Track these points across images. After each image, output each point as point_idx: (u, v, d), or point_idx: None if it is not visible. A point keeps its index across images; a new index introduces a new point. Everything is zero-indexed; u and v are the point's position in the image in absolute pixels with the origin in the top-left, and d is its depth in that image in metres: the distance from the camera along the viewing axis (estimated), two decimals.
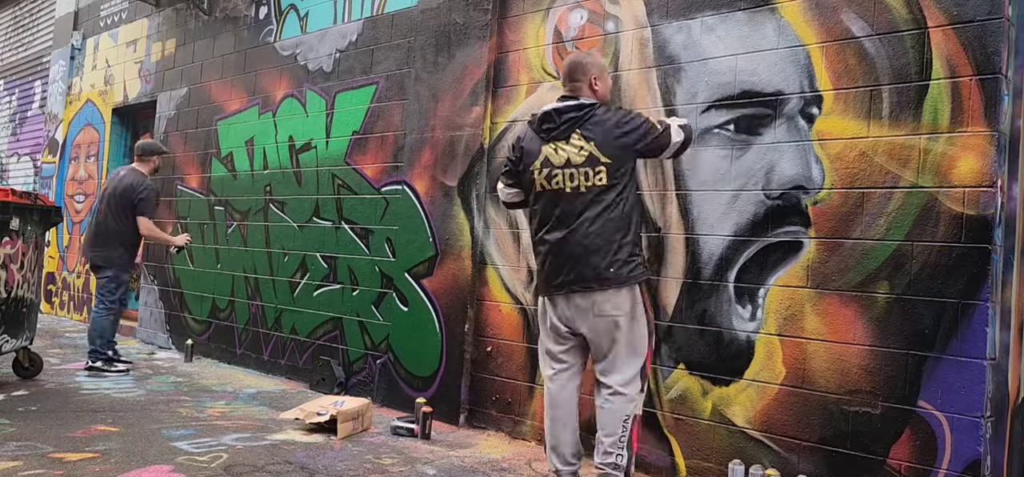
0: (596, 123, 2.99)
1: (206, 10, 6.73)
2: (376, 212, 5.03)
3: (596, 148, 2.95)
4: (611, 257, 2.91)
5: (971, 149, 2.85)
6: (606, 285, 2.92)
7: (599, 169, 2.95)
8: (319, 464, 3.43)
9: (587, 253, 2.93)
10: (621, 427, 2.94)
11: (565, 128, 3.02)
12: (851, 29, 3.16)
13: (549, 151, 3.05)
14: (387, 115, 5.05)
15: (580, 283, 2.96)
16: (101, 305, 5.35)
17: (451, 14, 4.64)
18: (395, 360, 4.73)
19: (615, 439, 2.94)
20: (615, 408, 2.95)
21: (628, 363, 2.97)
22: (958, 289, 2.84)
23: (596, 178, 2.95)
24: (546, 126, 3.08)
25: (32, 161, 9.83)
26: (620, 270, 2.92)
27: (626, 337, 2.96)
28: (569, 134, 3.01)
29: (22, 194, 4.67)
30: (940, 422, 2.84)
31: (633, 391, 2.96)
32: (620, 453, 2.94)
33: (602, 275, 2.92)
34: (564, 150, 3.01)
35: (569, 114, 3.03)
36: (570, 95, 3.11)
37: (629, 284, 2.94)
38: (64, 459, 3.23)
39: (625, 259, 2.93)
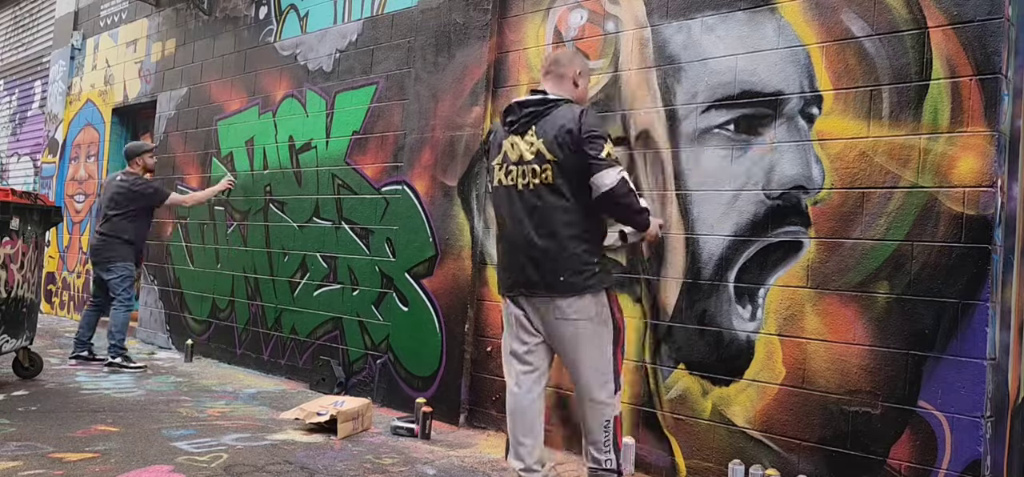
0: (550, 119, 2.82)
1: (206, 10, 6.73)
2: (376, 212, 5.03)
3: (544, 145, 2.80)
4: (564, 263, 2.77)
5: (971, 149, 2.85)
6: (563, 292, 2.79)
7: (545, 167, 2.79)
8: (319, 464, 3.43)
9: (540, 256, 2.80)
10: (603, 431, 2.87)
11: (524, 122, 2.88)
12: (851, 29, 3.16)
13: (507, 145, 2.93)
14: (387, 115, 5.05)
15: (534, 287, 2.84)
16: (119, 301, 5.54)
17: (451, 14, 4.64)
18: (395, 360, 4.73)
19: (599, 443, 2.88)
20: (595, 416, 2.87)
21: (598, 369, 2.85)
22: (958, 289, 2.84)
23: (543, 175, 2.80)
24: (509, 119, 2.95)
25: (32, 161, 9.83)
26: (574, 278, 2.77)
27: (591, 342, 2.83)
28: (526, 130, 2.87)
29: (22, 194, 4.67)
30: (940, 422, 2.84)
31: (607, 394, 2.86)
32: (608, 456, 2.88)
33: (555, 283, 2.78)
34: (519, 146, 2.88)
35: (530, 108, 2.89)
36: (540, 89, 2.97)
37: (589, 291, 2.79)
38: (64, 459, 3.23)
39: (578, 267, 2.77)
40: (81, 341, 5.72)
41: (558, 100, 2.88)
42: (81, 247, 8.30)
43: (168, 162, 6.97)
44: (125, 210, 5.55)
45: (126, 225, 5.55)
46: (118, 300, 5.55)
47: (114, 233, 5.52)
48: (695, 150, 3.56)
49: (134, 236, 5.60)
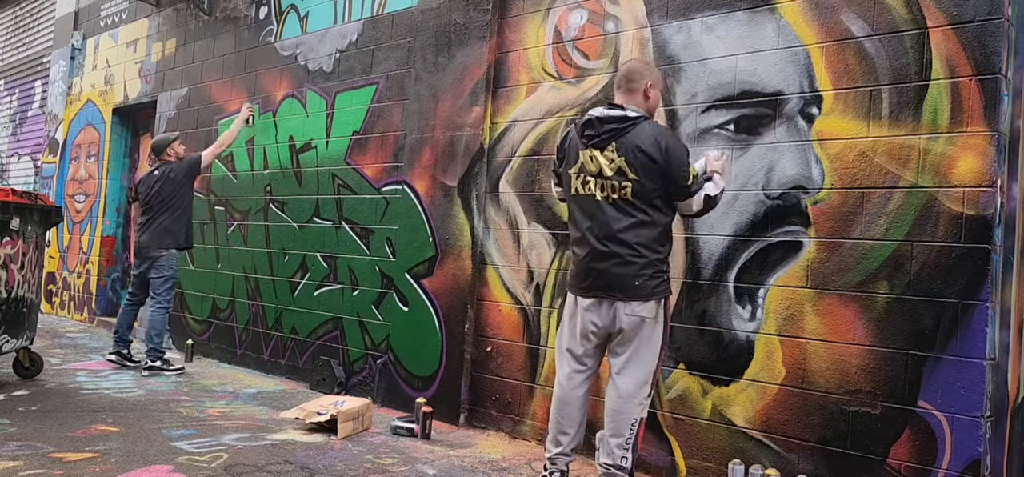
0: (631, 138, 2.97)
1: (206, 10, 6.73)
2: (376, 212, 5.03)
3: (625, 163, 2.96)
4: (637, 271, 2.94)
5: (971, 149, 2.85)
6: (631, 296, 2.95)
7: (626, 184, 2.96)
8: (319, 464, 3.43)
9: (614, 263, 2.96)
10: (628, 430, 2.96)
11: (605, 138, 3.01)
12: (851, 29, 3.16)
13: (586, 157, 3.06)
14: (387, 115, 5.05)
15: (606, 292, 3.00)
16: (158, 304, 5.46)
17: (451, 14, 4.64)
18: (395, 360, 4.74)
19: (622, 440, 2.96)
20: (625, 412, 2.97)
21: (643, 366, 2.99)
22: (958, 289, 2.84)
23: (623, 191, 2.97)
24: (588, 132, 3.07)
25: (32, 161, 9.83)
26: (647, 283, 2.94)
27: (648, 339, 2.98)
28: (606, 145, 3.01)
29: (22, 194, 4.67)
30: (940, 422, 2.84)
31: (643, 395, 2.99)
32: (625, 455, 2.97)
33: (627, 288, 2.95)
34: (599, 160, 3.02)
35: (610, 124, 3.02)
36: (618, 104, 3.09)
37: (654, 297, 2.97)
38: (64, 459, 3.23)
39: (651, 274, 2.95)
40: (122, 339, 5.62)
41: (638, 118, 3.02)
42: (81, 247, 8.31)
43: None
44: (171, 197, 5.47)
45: (172, 218, 5.48)
46: (157, 301, 5.47)
47: (160, 228, 5.46)
48: (695, 150, 3.55)
49: (183, 223, 5.54)
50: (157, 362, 5.43)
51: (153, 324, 5.46)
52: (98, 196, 8.14)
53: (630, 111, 3.03)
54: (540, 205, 4.16)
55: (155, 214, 5.49)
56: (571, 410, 3.13)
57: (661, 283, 2.99)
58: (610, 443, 3.00)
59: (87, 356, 6.01)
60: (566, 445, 3.15)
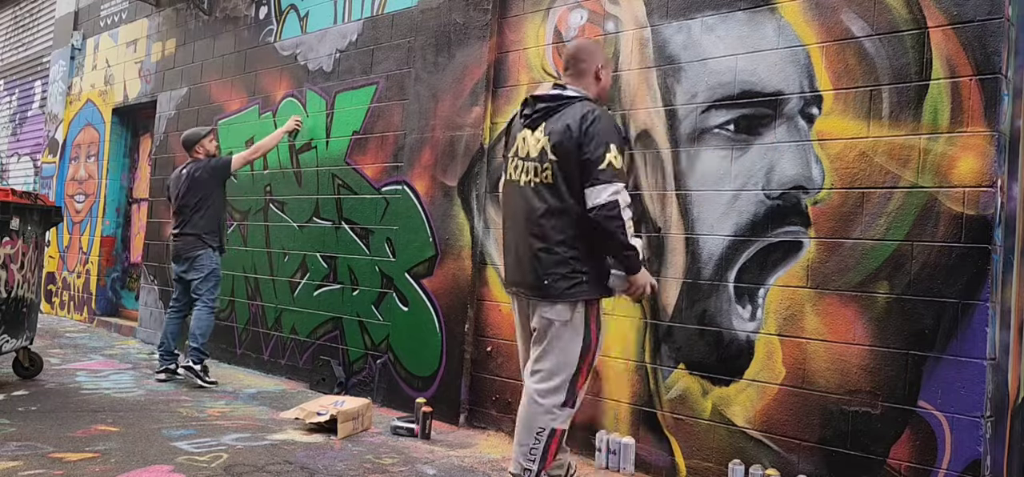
0: (560, 116, 2.73)
1: (206, 10, 6.73)
2: (376, 212, 5.02)
3: (548, 143, 2.72)
4: (549, 268, 2.69)
5: (971, 149, 2.85)
6: (544, 296, 2.72)
7: (546, 165, 2.72)
8: (319, 464, 3.43)
9: (529, 256, 2.76)
10: (533, 439, 2.73)
11: (537, 117, 2.81)
12: (851, 29, 3.16)
13: (519, 139, 2.87)
14: (387, 115, 5.05)
15: (523, 286, 2.83)
16: (204, 304, 5.16)
17: (451, 14, 4.64)
18: (395, 360, 4.73)
19: (527, 449, 2.73)
20: (530, 415, 2.75)
21: (553, 370, 2.74)
22: (958, 289, 2.84)
23: (544, 174, 2.73)
24: (525, 111, 2.88)
25: (32, 161, 9.83)
26: (556, 283, 2.68)
27: (556, 342, 2.74)
28: (537, 125, 2.80)
29: (22, 194, 4.66)
30: (940, 422, 2.84)
31: (552, 403, 2.72)
32: (529, 468, 2.74)
33: (538, 285, 2.73)
34: (529, 140, 2.82)
35: (544, 103, 2.81)
36: (562, 83, 2.89)
37: (565, 300, 2.70)
38: (64, 459, 3.23)
39: (565, 274, 2.68)
40: (169, 352, 5.26)
41: (574, 97, 2.79)
42: (81, 247, 8.31)
43: (168, 162, 6.97)
44: (200, 198, 5.16)
45: (206, 218, 5.17)
46: (202, 301, 5.15)
47: (196, 230, 5.15)
48: (695, 150, 3.56)
49: (216, 224, 5.25)
50: (198, 366, 5.07)
51: (198, 323, 5.13)
52: (98, 196, 8.14)
53: (569, 91, 2.81)
54: None
55: (188, 215, 5.18)
56: None
57: (575, 285, 2.68)
58: (515, 450, 2.79)
59: (87, 356, 6.01)
60: None
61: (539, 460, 2.74)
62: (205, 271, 5.16)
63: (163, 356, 5.26)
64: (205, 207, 5.19)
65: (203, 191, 5.20)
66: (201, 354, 5.11)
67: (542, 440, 2.73)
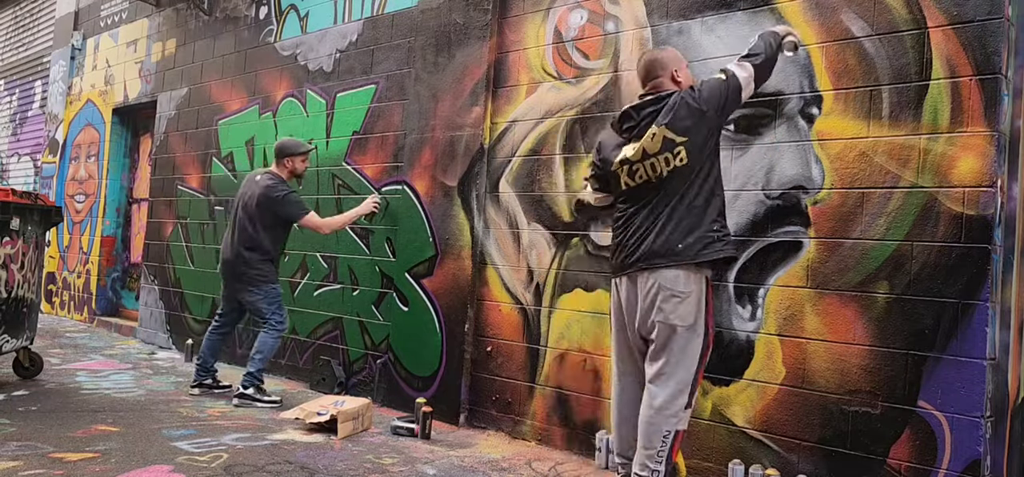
0: (667, 107, 2.89)
1: (206, 10, 6.73)
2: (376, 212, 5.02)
3: (669, 129, 2.85)
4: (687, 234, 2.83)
5: (971, 149, 2.85)
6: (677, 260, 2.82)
7: (678, 149, 2.84)
8: (319, 464, 3.43)
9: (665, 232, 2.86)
10: (660, 442, 2.82)
11: (645, 123, 2.95)
12: (851, 29, 3.16)
13: (627, 150, 2.98)
14: (387, 115, 5.05)
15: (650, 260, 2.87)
16: (270, 326, 4.65)
17: (451, 14, 4.64)
18: (395, 360, 4.73)
19: (653, 453, 2.83)
20: (656, 424, 2.83)
21: (677, 377, 2.83)
22: (958, 289, 2.84)
23: (677, 160, 2.85)
24: (627, 125, 3.03)
25: (32, 161, 9.83)
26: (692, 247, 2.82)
27: (681, 348, 2.84)
28: (646, 129, 2.92)
29: (22, 194, 4.67)
30: (940, 422, 2.84)
31: (678, 407, 2.82)
32: (657, 468, 2.83)
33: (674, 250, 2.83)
34: (641, 144, 2.92)
35: (648, 109, 2.96)
36: (649, 93, 3.04)
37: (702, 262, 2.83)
38: (64, 459, 3.23)
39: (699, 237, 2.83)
40: (205, 367, 4.89)
41: (670, 93, 2.95)
42: (81, 247, 8.31)
43: (168, 162, 6.97)
44: (259, 219, 4.66)
45: (264, 237, 4.67)
46: (269, 324, 4.65)
47: (251, 247, 4.66)
48: None
49: (272, 249, 4.73)
50: (250, 389, 4.60)
51: (262, 345, 4.64)
52: (98, 196, 8.14)
53: (664, 92, 2.99)
54: (540, 205, 4.16)
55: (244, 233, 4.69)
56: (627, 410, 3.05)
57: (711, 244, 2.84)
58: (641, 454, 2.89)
59: (87, 356, 6.01)
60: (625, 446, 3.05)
61: (665, 462, 2.84)
62: (262, 293, 4.66)
63: (198, 370, 4.90)
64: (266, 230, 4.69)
65: (262, 214, 4.67)
66: (254, 378, 4.64)
67: (668, 442, 2.83)
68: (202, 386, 4.89)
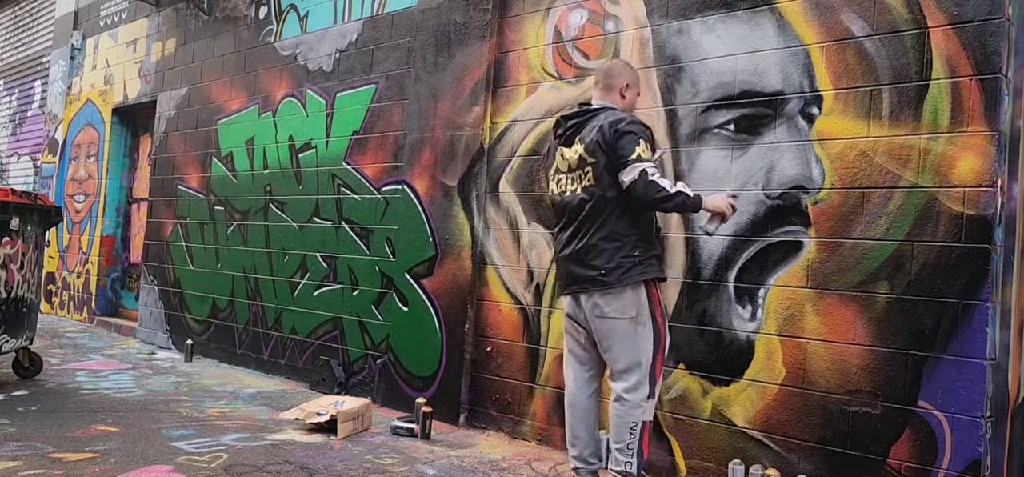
0: (589, 125, 2.98)
1: (206, 10, 6.73)
2: (376, 212, 5.02)
3: (584, 150, 2.95)
4: (605, 259, 2.88)
5: (971, 149, 2.85)
6: (601, 287, 2.89)
7: (587, 169, 2.94)
8: (319, 464, 3.43)
9: (585, 255, 2.93)
10: (628, 435, 2.89)
11: (570, 133, 3.05)
12: (851, 29, 3.16)
13: (558, 158, 3.10)
14: (387, 115, 5.05)
15: (580, 284, 2.98)
16: None
17: (451, 14, 4.64)
18: (395, 360, 4.73)
19: (623, 446, 2.90)
20: (621, 415, 2.91)
21: (631, 368, 2.90)
22: (958, 289, 2.84)
23: (586, 179, 2.95)
24: (558, 132, 3.14)
25: (32, 161, 9.83)
26: (613, 271, 2.87)
27: (627, 340, 2.90)
28: (573, 140, 3.03)
29: (22, 194, 4.66)
30: (940, 422, 2.84)
31: (638, 397, 2.89)
32: (629, 460, 2.90)
33: (596, 278, 2.90)
34: (567, 155, 3.05)
35: (574, 119, 3.06)
36: (587, 102, 3.12)
37: (629, 285, 2.87)
38: (64, 459, 3.23)
39: (620, 260, 2.87)
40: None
41: (600, 108, 3.02)
42: (81, 247, 8.31)
43: (168, 162, 6.97)
44: None
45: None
46: None
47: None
48: (695, 150, 3.56)
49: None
50: None
51: None
52: (98, 196, 8.13)
53: (595, 104, 3.06)
54: (540, 205, 4.16)
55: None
56: (579, 409, 3.11)
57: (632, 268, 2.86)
58: (612, 449, 2.97)
59: (87, 356, 6.00)
60: (585, 451, 3.10)
61: (636, 454, 2.90)
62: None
63: None
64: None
65: None
66: None
67: (636, 433, 2.90)
68: None
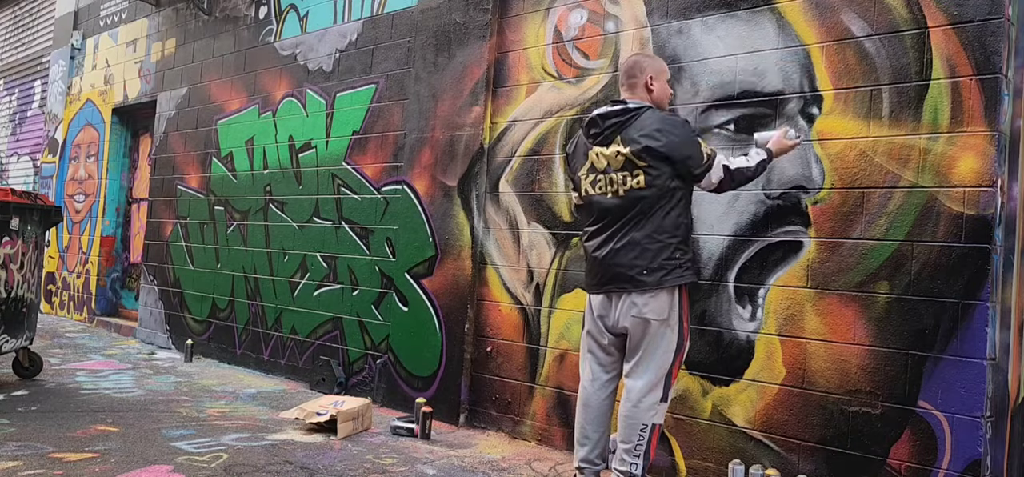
0: (634, 128, 2.90)
1: (206, 10, 6.72)
2: (376, 212, 5.02)
3: (632, 153, 2.88)
4: (648, 260, 2.86)
5: (971, 149, 2.85)
6: (642, 288, 2.88)
7: (637, 173, 2.88)
8: (319, 464, 3.43)
9: (626, 256, 2.90)
10: (637, 436, 2.88)
11: (609, 133, 2.97)
12: (851, 29, 3.16)
13: (594, 156, 3.02)
14: (387, 115, 5.05)
15: (619, 283, 2.93)
16: None
17: (451, 14, 4.64)
18: (395, 360, 4.73)
19: (631, 447, 2.89)
20: (633, 418, 2.89)
21: (651, 370, 2.90)
22: (958, 289, 2.84)
23: (634, 182, 2.89)
24: (592, 132, 3.04)
25: (32, 161, 9.83)
26: (655, 273, 2.86)
27: (654, 341, 2.90)
28: (611, 140, 2.95)
29: (22, 194, 4.66)
30: (940, 422, 2.84)
31: (652, 400, 2.89)
32: (635, 462, 2.89)
33: (637, 279, 2.88)
34: (604, 155, 2.96)
35: (613, 119, 2.97)
36: (620, 99, 3.04)
37: (665, 287, 2.87)
38: (64, 459, 3.23)
39: (662, 262, 2.87)
40: None
41: (639, 108, 2.96)
42: (81, 247, 8.31)
43: (168, 162, 6.97)
44: None
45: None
46: None
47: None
48: None
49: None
50: None
51: None
52: (98, 196, 8.13)
53: (631, 103, 2.98)
54: (540, 205, 4.16)
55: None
56: (593, 411, 3.07)
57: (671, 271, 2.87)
58: (619, 448, 2.95)
59: (87, 356, 6.00)
60: (593, 452, 3.07)
61: (643, 456, 2.89)
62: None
63: None
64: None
65: None
66: None
67: (646, 436, 2.89)
68: None
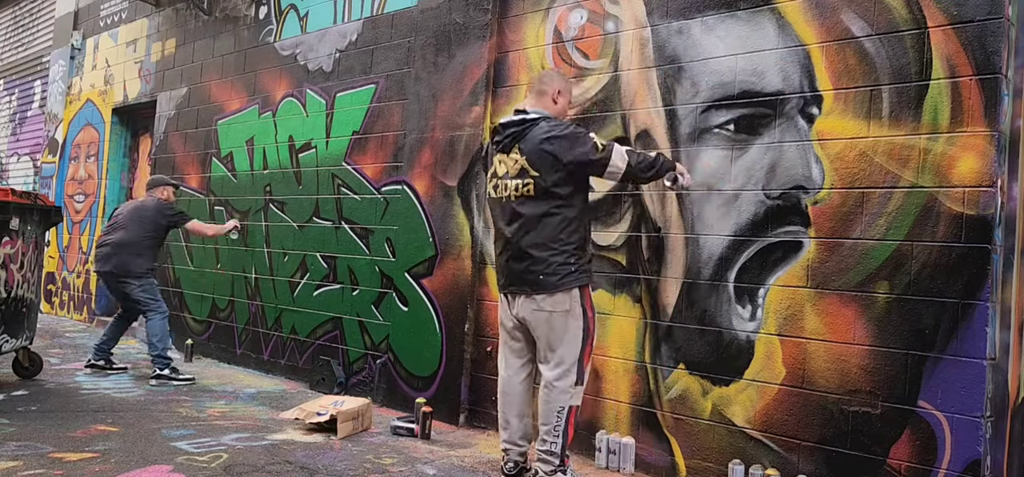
0: (531, 137, 3.11)
1: (206, 10, 6.72)
2: (376, 212, 5.02)
3: (527, 161, 3.10)
4: (544, 265, 3.07)
5: (971, 149, 2.85)
6: (540, 289, 3.09)
7: (527, 181, 3.10)
8: (319, 464, 3.43)
9: (523, 260, 3.12)
10: (555, 417, 3.11)
11: (508, 142, 3.19)
12: (851, 29, 3.16)
13: (496, 162, 3.25)
14: (387, 115, 5.05)
15: (519, 285, 3.16)
16: (154, 312, 5.32)
17: (451, 14, 4.64)
18: (395, 360, 4.73)
19: (549, 428, 3.12)
20: (549, 400, 3.12)
21: (560, 357, 3.11)
22: (958, 289, 2.84)
23: (525, 189, 3.11)
24: (496, 138, 3.28)
25: (32, 161, 9.83)
26: (550, 278, 3.07)
27: (558, 332, 3.10)
28: (511, 148, 3.17)
29: (22, 194, 4.66)
30: (940, 422, 2.84)
31: (565, 384, 3.10)
32: (554, 440, 3.12)
33: (536, 281, 3.09)
34: (505, 162, 3.19)
35: (512, 128, 3.19)
36: (523, 108, 3.24)
37: (562, 289, 3.08)
38: (64, 459, 3.23)
39: (557, 267, 3.07)
40: (102, 349, 5.43)
41: (537, 118, 3.17)
42: (81, 247, 8.30)
43: (168, 162, 6.97)
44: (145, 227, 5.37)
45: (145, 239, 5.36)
46: (155, 311, 5.33)
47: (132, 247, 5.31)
48: (695, 150, 3.56)
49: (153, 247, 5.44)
50: (165, 370, 5.23)
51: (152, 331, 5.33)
52: (98, 196, 8.13)
53: (531, 113, 3.19)
54: None
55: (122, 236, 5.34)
56: (510, 397, 3.31)
57: (568, 275, 3.08)
58: (540, 430, 3.18)
59: (87, 356, 6.00)
60: (515, 434, 3.31)
61: (561, 435, 3.12)
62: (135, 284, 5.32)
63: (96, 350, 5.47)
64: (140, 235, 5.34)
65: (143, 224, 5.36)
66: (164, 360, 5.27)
67: (563, 417, 3.11)
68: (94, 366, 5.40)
